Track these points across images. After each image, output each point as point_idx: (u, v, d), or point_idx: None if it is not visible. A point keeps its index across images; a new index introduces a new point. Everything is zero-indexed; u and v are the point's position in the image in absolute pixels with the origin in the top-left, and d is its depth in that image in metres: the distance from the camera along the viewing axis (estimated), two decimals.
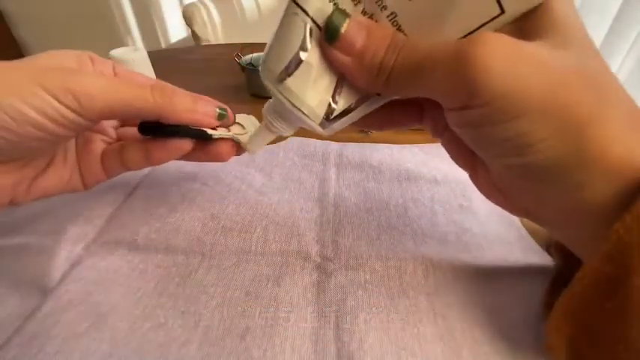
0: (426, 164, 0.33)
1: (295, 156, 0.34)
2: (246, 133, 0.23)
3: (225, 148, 0.23)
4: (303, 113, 0.17)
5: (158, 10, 1.50)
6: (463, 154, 0.20)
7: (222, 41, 1.06)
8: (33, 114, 0.16)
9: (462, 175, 0.32)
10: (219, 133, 0.22)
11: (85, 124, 0.18)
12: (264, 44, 0.17)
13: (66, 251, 0.23)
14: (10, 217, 0.26)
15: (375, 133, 0.40)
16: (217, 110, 0.22)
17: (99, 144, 0.24)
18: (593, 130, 0.13)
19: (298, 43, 0.16)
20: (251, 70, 0.46)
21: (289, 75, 0.16)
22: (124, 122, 0.26)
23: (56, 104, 0.17)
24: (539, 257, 0.24)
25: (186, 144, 0.22)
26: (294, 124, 0.20)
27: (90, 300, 0.20)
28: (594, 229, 0.14)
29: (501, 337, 0.19)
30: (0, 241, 0.24)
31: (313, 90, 0.17)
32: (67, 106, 0.17)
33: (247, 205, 0.28)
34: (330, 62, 0.16)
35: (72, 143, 0.23)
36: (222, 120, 0.22)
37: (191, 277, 0.22)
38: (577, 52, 0.14)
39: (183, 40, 1.45)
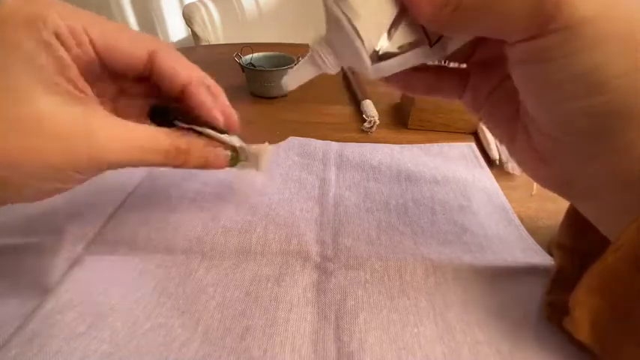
0: (426, 164, 0.33)
1: (295, 156, 0.34)
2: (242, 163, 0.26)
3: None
4: (359, 35, 0.16)
5: (158, 10, 1.50)
6: (503, 124, 0.20)
7: (222, 41, 1.06)
8: (43, 185, 0.18)
9: (462, 175, 0.32)
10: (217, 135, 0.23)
11: (94, 174, 0.20)
12: (264, 44, 0.17)
13: (66, 251, 0.23)
14: (10, 217, 0.26)
15: (374, 133, 0.40)
16: (229, 155, 0.24)
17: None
18: None
19: None
20: (251, 70, 0.46)
21: None
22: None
23: (63, 175, 0.18)
24: (539, 257, 0.24)
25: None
26: (342, 58, 0.19)
27: (90, 300, 0.20)
28: (630, 199, 0.14)
29: (501, 337, 0.19)
30: (0, 241, 0.24)
31: (373, 16, 0.16)
32: (76, 172, 0.18)
33: (247, 205, 0.28)
34: None
35: None
36: (235, 165, 0.25)
37: (191, 277, 0.22)
38: None
39: (183, 40, 1.46)
